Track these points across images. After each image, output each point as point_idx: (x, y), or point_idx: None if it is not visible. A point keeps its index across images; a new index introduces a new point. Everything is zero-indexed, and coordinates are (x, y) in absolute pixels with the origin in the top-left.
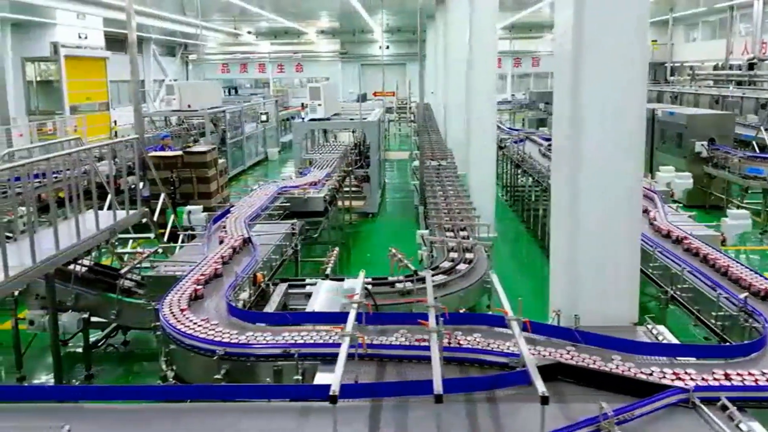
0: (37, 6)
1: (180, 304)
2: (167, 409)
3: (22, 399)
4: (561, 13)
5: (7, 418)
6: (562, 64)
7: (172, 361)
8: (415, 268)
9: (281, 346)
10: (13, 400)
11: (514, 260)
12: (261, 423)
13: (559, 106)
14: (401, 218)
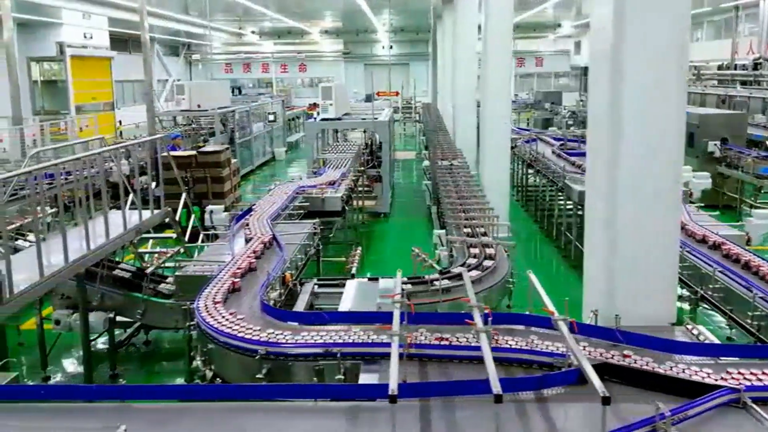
0: (44, 6)
1: (215, 303)
2: (216, 408)
3: (73, 399)
4: (599, 10)
5: (60, 418)
6: (599, 63)
7: (210, 360)
8: (440, 268)
9: (323, 346)
10: (65, 400)
11: (528, 260)
12: (313, 423)
13: (596, 106)
14: (413, 218)
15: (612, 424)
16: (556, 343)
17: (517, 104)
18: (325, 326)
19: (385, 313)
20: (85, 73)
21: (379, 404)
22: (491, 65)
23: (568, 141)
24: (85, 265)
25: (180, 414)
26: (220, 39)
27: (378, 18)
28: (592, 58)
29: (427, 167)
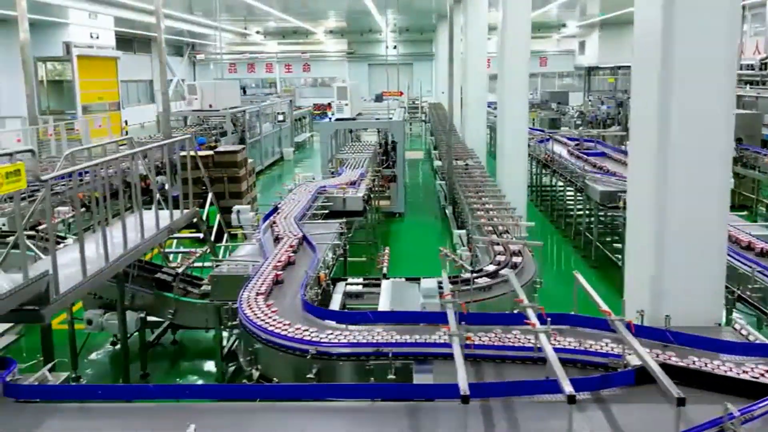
0: (51, 5)
1: (258, 303)
2: (280, 408)
3: (140, 398)
4: (646, 12)
5: (128, 417)
6: (646, 64)
7: (257, 360)
8: (471, 268)
9: (373, 345)
10: (131, 400)
11: (547, 260)
12: (379, 422)
13: (641, 107)
14: (427, 218)
15: (672, 424)
16: (603, 342)
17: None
18: (371, 326)
19: (432, 313)
20: (91, 73)
21: (439, 404)
22: (509, 65)
23: (584, 141)
24: (124, 265)
25: (246, 413)
26: (224, 39)
27: (383, 18)
28: (638, 59)
29: (439, 167)
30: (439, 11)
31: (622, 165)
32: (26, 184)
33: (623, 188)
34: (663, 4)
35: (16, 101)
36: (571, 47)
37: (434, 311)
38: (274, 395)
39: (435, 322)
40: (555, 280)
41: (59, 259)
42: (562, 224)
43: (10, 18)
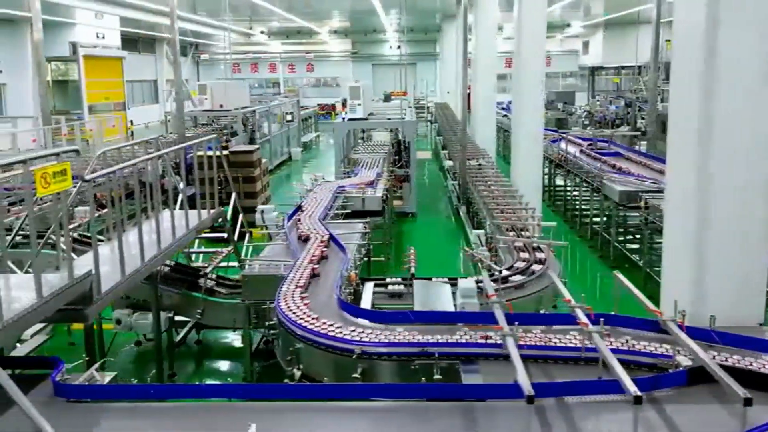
0: (59, 5)
1: (297, 301)
2: (338, 408)
3: (193, 398)
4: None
5: (182, 417)
6: (687, 65)
7: (298, 359)
8: (499, 267)
9: (419, 345)
10: (192, 399)
11: (564, 261)
12: (436, 422)
13: (681, 105)
14: (439, 217)
15: (731, 424)
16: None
17: None
18: (411, 325)
19: (473, 313)
20: (97, 73)
21: (491, 404)
22: (524, 66)
23: (597, 141)
24: (158, 264)
25: (303, 413)
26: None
27: (388, 18)
28: (678, 60)
29: (450, 167)
30: (444, 11)
31: (638, 165)
32: (72, 184)
33: (643, 188)
34: (707, 2)
35: (21, 101)
36: (574, 47)
37: (474, 311)
38: (332, 395)
39: (475, 322)
40: (574, 280)
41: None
42: (577, 224)
43: (16, 18)
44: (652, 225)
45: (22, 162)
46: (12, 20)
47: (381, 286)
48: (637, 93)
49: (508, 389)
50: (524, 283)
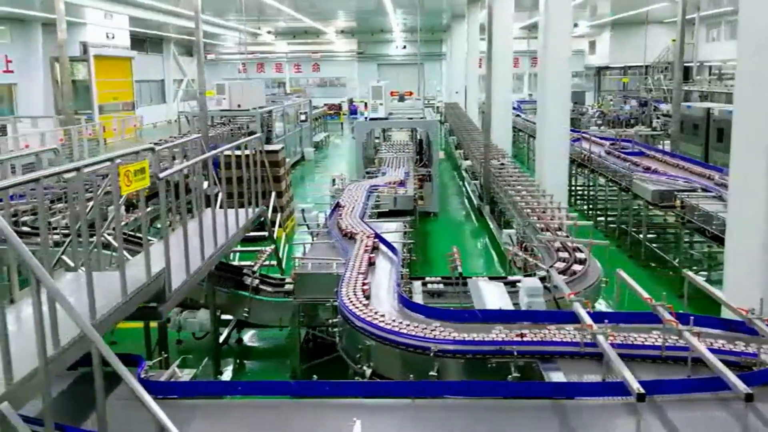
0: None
1: (360, 299)
2: (440, 405)
3: (281, 395)
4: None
5: (283, 413)
6: (756, 64)
7: (369, 357)
8: (546, 266)
9: (496, 344)
10: (270, 396)
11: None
12: (532, 419)
13: (748, 104)
14: (460, 217)
15: None
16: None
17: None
18: (484, 324)
19: (542, 311)
20: (106, 73)
21: (579, 402)
22: (550, 65)
23: (621, 141)
24: (215, 262)
25: (403, 410)
26: (234, 39)
27: (396, 17)
28: (743, 59)
29: (469, 167)
30: (453, 11)
31: (665, 164)
32: (149, 182)
33: (676, 187)
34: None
35: (32, 100)
36: (580, 47)
37: (541, 310)
38: (437, 392)
39: (544, 321)
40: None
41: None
42: (603, 224)
43: (27, 18)
44: (690, 224)
45: (110, 160)
46: (23, 20)
47: (432, 284)
48: (652, 93)
49: (615, 387)
50: (566, 283)
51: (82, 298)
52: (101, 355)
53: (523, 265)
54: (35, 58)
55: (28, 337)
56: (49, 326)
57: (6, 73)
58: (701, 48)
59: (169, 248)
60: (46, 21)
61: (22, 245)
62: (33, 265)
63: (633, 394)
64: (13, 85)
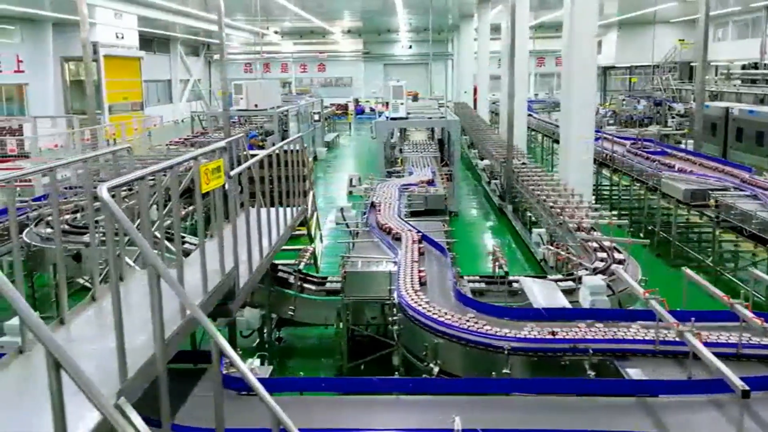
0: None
1: (421, 297)
2: (529, 402)
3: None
4: None
5: (393, 410)
6: None
7: (436, 355)
8: (588, 265)
9: (570, 342)
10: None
11: None
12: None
13: None
14: (480, 216)
15: None
16: None
17: (546, 103)
18: (551, 322)
19: (608, 310)
20: (116, 72)
21: (663, 400)
22: (576, 65)
23: (643, 141)
24: (271, 260)
25: (501, 406)
26: (240, 39)
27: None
28: None
29: (487, 166)
30: (461, 11)
31: (691, 164)
32: (224, 180)
33: (708, 186)
34: None
35: (43, 100)
36: None
37: (605, 308)
38: (523, 389)
39: (609, 319)
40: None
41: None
42: (630, 222)
43: (38, 17)
44: (725, 223)
45: (193, 159)
46: (33, 20)
47: (476, 283)
48: (667, 92)
49: (716, 384)
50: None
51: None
52: (216, 350)
53: (555, 264)
54: (46, 58)
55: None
56: (158, 321)
57: (17, 73)
58: (710, 48)
59: (237, 246)
60: (56, 21)
61: (143, 240)
62: (158, 266)
63: (737, 391)
64: (24, 85)
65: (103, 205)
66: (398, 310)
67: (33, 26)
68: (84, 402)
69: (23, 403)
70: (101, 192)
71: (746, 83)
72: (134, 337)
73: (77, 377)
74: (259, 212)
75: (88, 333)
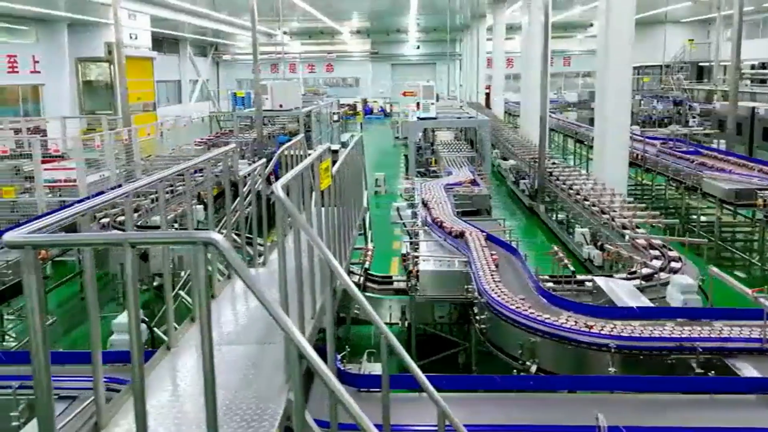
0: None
1: (510, 296)
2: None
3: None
4: None
5: (521, 407)
6: None
7: (534, 353)
8: (658, 265)
9: (676, 340)
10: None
11: None
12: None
13: None
14: (509, 215)
15: None
16: None
17: (557, 102)
18: (646, 321)
19: (702, 309)
20: (130, 73)
21: None
22: (612, 67)
23: (675, 141)
24: (350, 259)
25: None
26: (248, 39)
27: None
28: None
29: (513, 166)
30: (473, 11)
31: (728, 163)
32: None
33: (754, 186)
34: None
35: (58, 100)
36: (594, 47)
37: (696, 307)
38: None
39: (728, 318)
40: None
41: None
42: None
43: (53, 18)
44: None
45: (317, 159)
46: (48, 20)
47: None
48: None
49: None
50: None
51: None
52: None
53: (602, 263)
54: (61, 59)
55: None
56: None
57: (33, 74)
58: (717, 47)
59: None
60: (71, 21)
61: (317, 238)
62: (331, 262)
63: None
64: (40, 86)
65: (278, 201)
66: (485, 309)
67: (47, 27)
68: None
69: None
70: (276, 189)
71: (755, 83)
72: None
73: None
74: (329, 212)
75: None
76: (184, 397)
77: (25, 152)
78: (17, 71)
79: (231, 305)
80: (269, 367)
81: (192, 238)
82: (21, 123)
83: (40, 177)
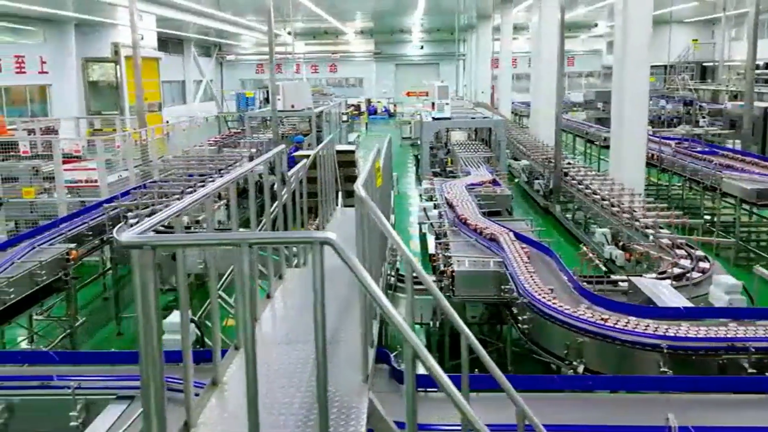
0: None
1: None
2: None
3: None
4: None
5: (587, 407)
6: None
7: (580, 354)
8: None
9: (727, 340)
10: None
11: None
12: None
13: None
14: (527, 214)
15: None
16: None
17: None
18: (694, 321)
19: (749, 309)
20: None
21: None
22: (630, 67)
23: (690, 141)
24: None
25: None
26: (251, 40)
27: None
28: None
29: (526, 167)
30: (479, 11)
31: (746, 163)
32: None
33: None
34: None
35: (66, 101)
36: (597, 47)
37: (742, 307)
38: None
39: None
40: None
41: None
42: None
43: (60, 18)
44: None
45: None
46: (55, 20)
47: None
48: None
49: None
50: (701, 281)
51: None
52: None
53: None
54: (69, 60)
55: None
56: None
57: (41, 74)
58: (720, 48)
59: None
60: (78, 22)
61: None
62: (412, 263)
63: None
64: (48, 86)
65: (359, 201)
66: (527, 309)
67: (54, 27)
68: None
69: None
70: (357, 189)
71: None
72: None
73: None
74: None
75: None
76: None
77: (41, 153)
78: (25, 72)
79: (284, 304)
80: (343, 365)
81: (310, 238)
82: (34, 123)
83: (61, 178)
